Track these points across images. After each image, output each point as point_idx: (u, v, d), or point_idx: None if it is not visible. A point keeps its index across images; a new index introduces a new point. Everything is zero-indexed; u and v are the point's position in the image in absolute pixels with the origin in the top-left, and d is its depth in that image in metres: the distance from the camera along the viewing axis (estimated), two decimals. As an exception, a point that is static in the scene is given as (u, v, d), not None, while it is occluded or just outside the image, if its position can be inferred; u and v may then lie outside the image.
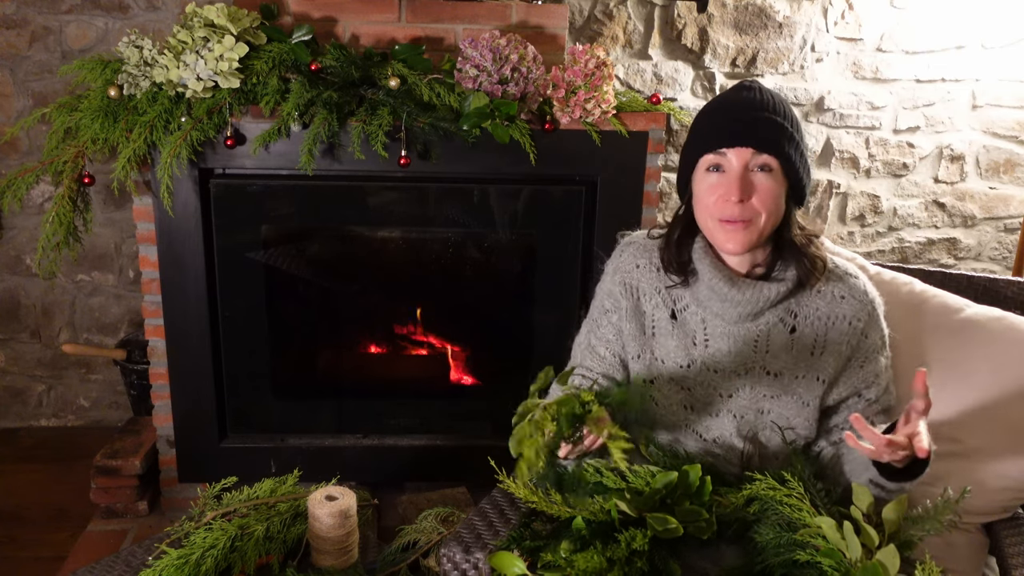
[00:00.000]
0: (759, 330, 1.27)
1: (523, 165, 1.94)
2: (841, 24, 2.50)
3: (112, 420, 2.69)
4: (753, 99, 1.22)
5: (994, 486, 1.47)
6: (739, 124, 1.20)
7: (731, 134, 1.20)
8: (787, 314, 1.27)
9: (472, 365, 2.35)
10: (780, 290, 1.25)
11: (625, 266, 1.36)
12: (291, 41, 1.86)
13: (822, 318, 1.27)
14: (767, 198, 1.20)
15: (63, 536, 2.13)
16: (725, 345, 1.28)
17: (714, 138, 1.21)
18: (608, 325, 1.37)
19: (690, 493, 1.19)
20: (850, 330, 1.27)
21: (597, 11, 2.43)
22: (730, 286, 1.25)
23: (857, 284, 1.29)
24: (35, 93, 2.38)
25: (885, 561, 1.02)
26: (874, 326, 1.29)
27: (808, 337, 1.27)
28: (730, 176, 1.20)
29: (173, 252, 1.99)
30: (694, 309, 1.30)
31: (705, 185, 1.23)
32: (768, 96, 1.22)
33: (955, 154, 2.68)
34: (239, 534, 1.46)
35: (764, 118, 1.20)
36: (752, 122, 1.19)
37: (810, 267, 1.25)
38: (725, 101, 1.25)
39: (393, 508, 2.15)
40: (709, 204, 1.23)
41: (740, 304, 1.25)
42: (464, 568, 1.22)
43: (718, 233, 1.23)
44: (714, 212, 1.22)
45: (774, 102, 1.22)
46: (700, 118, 1.27)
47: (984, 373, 1.49)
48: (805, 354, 1.27)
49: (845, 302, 1.27)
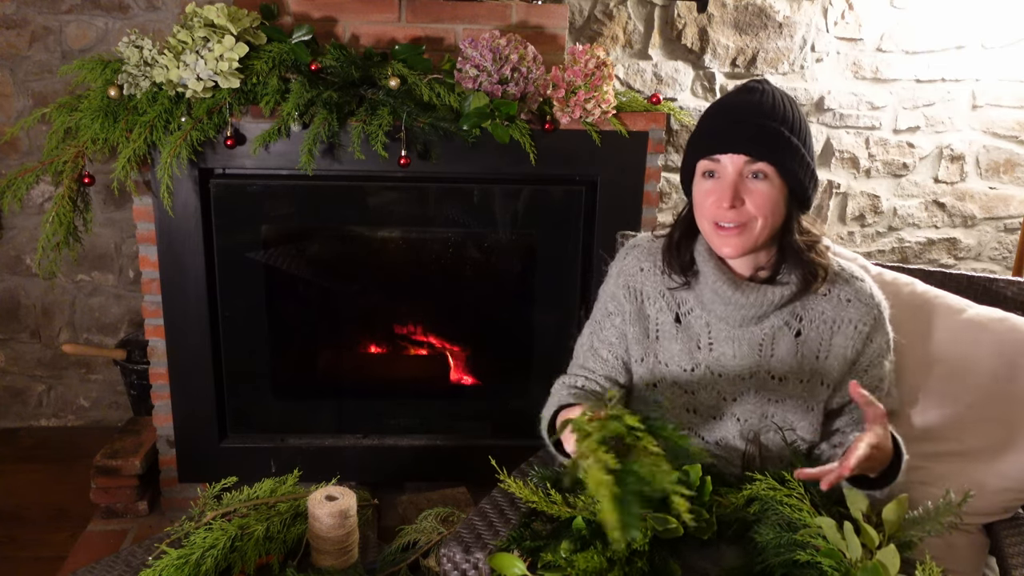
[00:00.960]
0: (764, 334, 1.27)
1: (523, 165, 1.94)
2: (841, 24, 2.50)
3: (112, 420, 2.69)
4: (754, 103, 1.20)
5: (994, 486, 1.46)
6: (735, 130, 1.19)
7: (726, 140, 1.19)
8: (792, 317, 1.27)
9: (472, 365, 2.35)
10: (784, 293, 1.24)
11: (629, 269, 1.36)
12: (291, 41, 1.86)
13: (827, 322, 1.27)
14: (763, 203, 1.19)
15: (63, 536, 2.13)
16: (729, 349, 1.28)
17: (710, 143, 1.21)
18: (611, 328, 1.37)
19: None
20: (855, 334, 1.27)
21: (597, 11, 2.43)
22: (733, 289, 1.24)
23: (863, 287, 1.29)
24: (35, 93, 2.38)
25: (885, 561, 1.02)
26: (879, 330, 1.29)
27: (813, 341, 1.27)
28: (724, 182, 1.20)
29: (173, 252, 1.99)
30: (698, 312, 1.30)
31: (702, 189, 1.23)
32: (771, 99, 1.20)
33: (955, 154, 2.68)
34: (239, 534, 1.46)
35: (762, 124, 1.18)
36: (749, 128, 1.18)
37: (812, 272, 1.24)
38: (726, 104, 1.24)
39: (393, 508, 2.15)
40: (705, 208, 1.23)
41: (744, 307, 1.25)
42: (464, 568, 1.22)
43: (714, 237, 1.24)
44: (709, 216, 1.22)
45: (775, 105, 1.20)
46: (702, 120, 1.26)
47: (985, 374, 1.49)
48: (810, 358, 1.27)
49: (851, 305, 1.27)
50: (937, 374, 1.51)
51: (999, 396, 1.48)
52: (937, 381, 1.51)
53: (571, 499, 1.22)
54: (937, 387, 1.51)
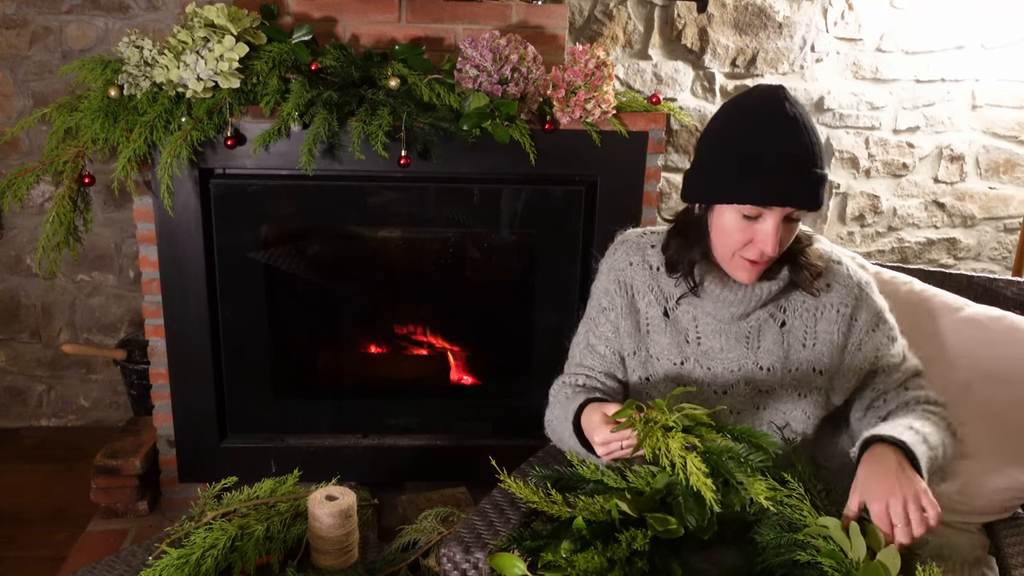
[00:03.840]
0: (749, 326, 1.30)
1: (523, 165, 1.95)
2: (841, 24, 2.50)
3: (112, 420, 2.69)
4: (795, 148, 1.13)
5: (994, 486, 1.47)
6: (785, 185, 1.13)
7: (778, 194, 1.14)
8: (777, 309, 1.30)
9: (472, 365, 2.35)
10: (772, 289, 1.26)
11: (619, 264, 1.37)
12: (291, 41, 1.87)
13: (810, 309, 1.29)
14: (791, 238, 1.20)
15: (63, 536, 2.13)
16: (717, 342, 1.31)
17: (757, 193, 1.15)
18: (606, 323, 1.38)
19: (690, 493, 1.19)
20: (839, 317, 1.29)
21: (597, 11, 2.43)
22: (721, 287, 1.27)
23: (840, 270, 1.31)
24: (35, 93, 2.38)
25: (886, 562, 1.02)
26: (863, 307, 1.30)
27: (798, 329, 1.29)
28: (766, 228, 1.16)
29: (173, 252, 1.99)
30: (686, 307, 1.32)
31: (734, 225, 1.18)
32: (806, 133, 1.14)
33: (955, 154, 2.68)
34: (239, 534, 1.47)
35: (809, 175, 1.13)
36: (799, 183, 1.13)
37: (805, 271, 1.26)
38: (764, 139, 1.14)
39: (393, 508, 2.15)
40: (732, 244, 1.20)
41: (732, 304, 1.27)
42: (464, 568, 1.22)
43: (736, 267, 1.23)
44: (738, 250, 1.21)
45: (813, 142, 1.14)
46: (735, 151, 1.16)
47: (984, 373, 1.49)
48: (797, 346, 1.29)
49: (831, 290, 1.29)
50: (935, 373, 1.51)
51: (997, 395, 1.48)
52: (935, 380, 1.51)
53: (571, 499, 1.22)
54: (935, 386, 1.51)
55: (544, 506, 1.21)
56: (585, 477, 1.30)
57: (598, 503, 1.19)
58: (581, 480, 1.31)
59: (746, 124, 1.16)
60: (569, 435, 1.27)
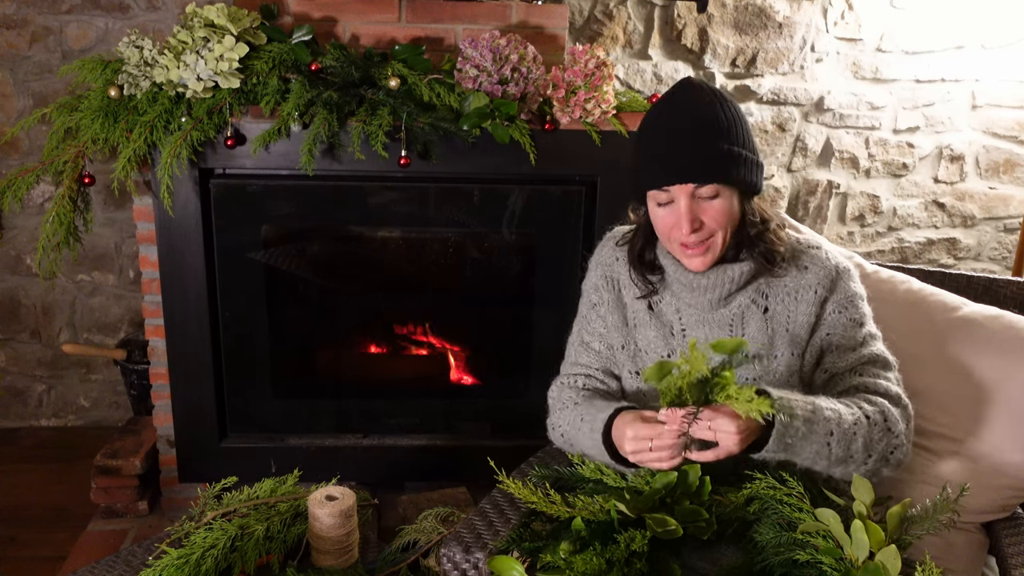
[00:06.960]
0: (732, 314, 1.31)
1: (523, 165, 1.94)
2: (841, 24, 2.50)
3: (112, 420, 2.70)
4: (688, 125, 1.19)
5: (993, 485, 1.47)
6: (677, 160, 1.19)
7: (671, 172, 1.19)
8: (758, 295, 1.30)
9: (472, 365, 2.35)
10: (744, 270, 1.27)
11: (606, 260, 1.40)
12: (291, 41, 1.87)
13: (791, 292, 1.30)
14: (719, 217, 1.22)
15: (63, 536, 2.13)
16: (701, 333, 1.32)
17: (655, 177, 1.21)
18: (598, 319, 1.40)
19: (690, 493, 1.19)
20: (814, 298, 1.29)
21: (597, 11, 2.43)
22: (694, 273, 1.28)
23: (819, 254, 1.32)
24: (35, 93, 2.39)
25: (886, 562, 1.02)
26: (837, 290, 1.30)
27: (781, 314, 1.30)
28: (679, 210, 1.21)
29: (173, 252, 1.99)
30: (668, 300, 1.34)
31: (658, 216, 1.25)
32: (705, 112, 1.18)
33: (955, 154, 2.68)
34: (239, 534, 1.47)
35: (702, 148, 1.18)
36: (690, 156, 1.18)
37: (770, 251, 1.27)
38: (662, 125, 1.22)
39: (393, 508, 2.15)
40: (664, 231, 1.26)
41: (708, 289, 1.28)
42: (464, 568, 1.22)
43: (681, 256, 1.27)
44: (671, 238, 1.25)
45: (711, 119, 1.18)
46: (643, 144, 1.24)
47: (982, 371, 1.49)
48: (781, 331, 1.30)
49: (809, 271, 1.30)
50: (933, 372, 1.51)
51: (995, 394, 1.48)
52: (934, 379, 1.51)
53: (570, 499, 1.22)
54: (934, 385, 1.51)
55: (543, 506, 1.22)
56: (585, 476, 1.30)
57: (597, 503, 1.19)
58: (581, 480, 1.31)
59: (650, 117, 1.25)
60: (591, 444, 1.29)
